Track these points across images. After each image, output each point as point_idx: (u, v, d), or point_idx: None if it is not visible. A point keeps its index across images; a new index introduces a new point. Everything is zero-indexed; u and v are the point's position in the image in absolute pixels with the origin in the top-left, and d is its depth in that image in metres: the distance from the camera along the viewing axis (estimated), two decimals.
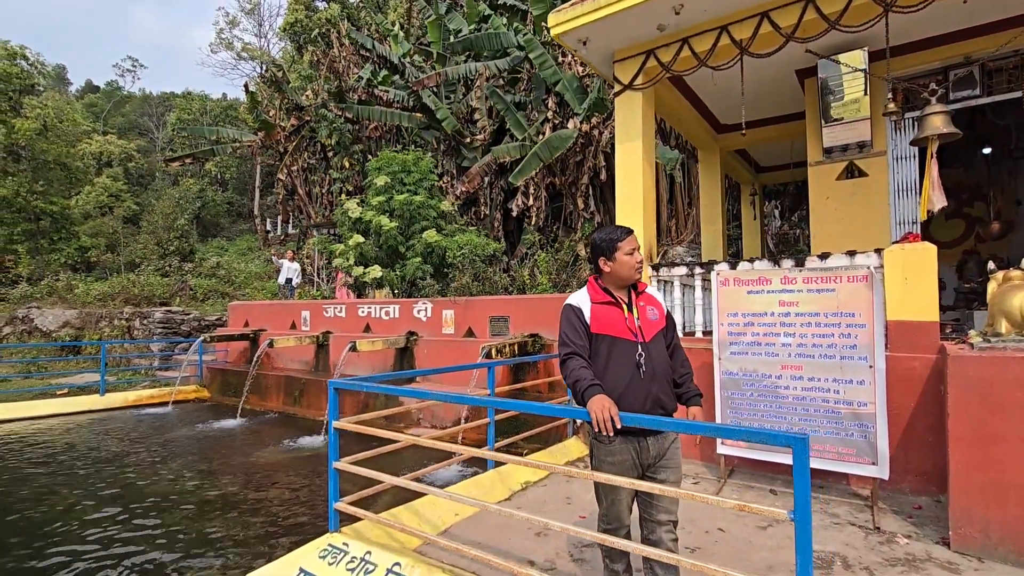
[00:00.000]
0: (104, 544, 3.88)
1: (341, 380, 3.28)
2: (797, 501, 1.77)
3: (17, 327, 13.27)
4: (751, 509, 1.90)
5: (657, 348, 2.31)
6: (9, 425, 7.83)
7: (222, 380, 9.90)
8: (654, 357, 2.31)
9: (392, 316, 8.26)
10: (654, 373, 2.32)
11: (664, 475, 2.25)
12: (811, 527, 1.76)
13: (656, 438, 2.27)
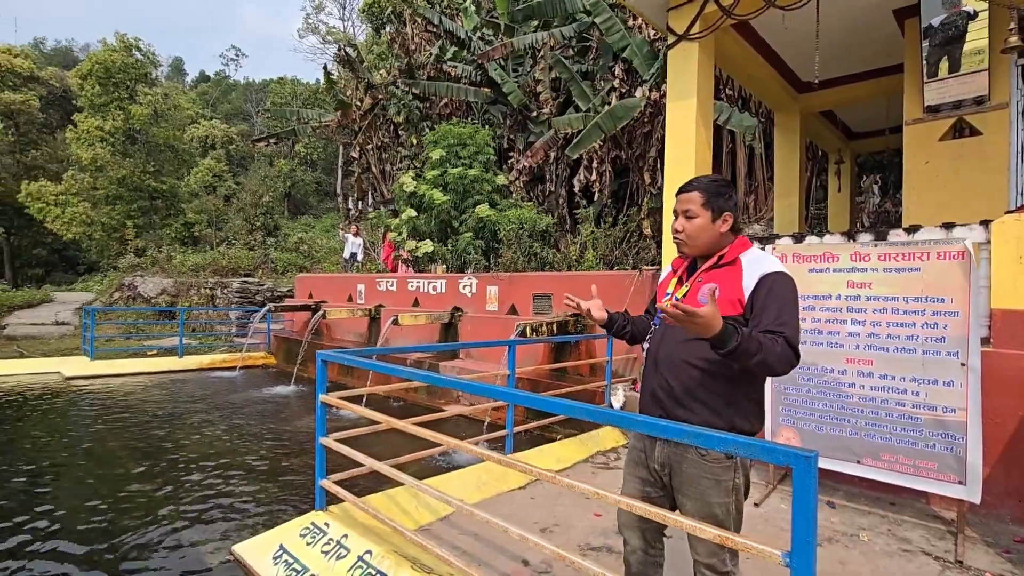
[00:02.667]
0: (131, 498, 4.06)
1: (329, 352, 3.12)
2: (796, 542, 1.31)
3: (124, 293, 14.80)
4: (732, 543, 1.46)
5: (674, 337, 1.84)
6: (104, 380, 8.66)
7: (286, 348, 10.38)
8: (665, 345, 1.87)
9: (439, 291, 8.15)
10: (656, 364, 1.89)
11: (682, 501, 1.81)
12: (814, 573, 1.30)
13: (666, 444, 1.85)
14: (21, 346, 12.14)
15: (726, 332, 1.54)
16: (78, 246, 25.04)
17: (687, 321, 1.52)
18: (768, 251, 3.83)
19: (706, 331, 1.53)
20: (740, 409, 1.77)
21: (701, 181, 1.89)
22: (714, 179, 1.90)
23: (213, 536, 3.40)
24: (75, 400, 7.28)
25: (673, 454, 1.82)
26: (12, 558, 3.10)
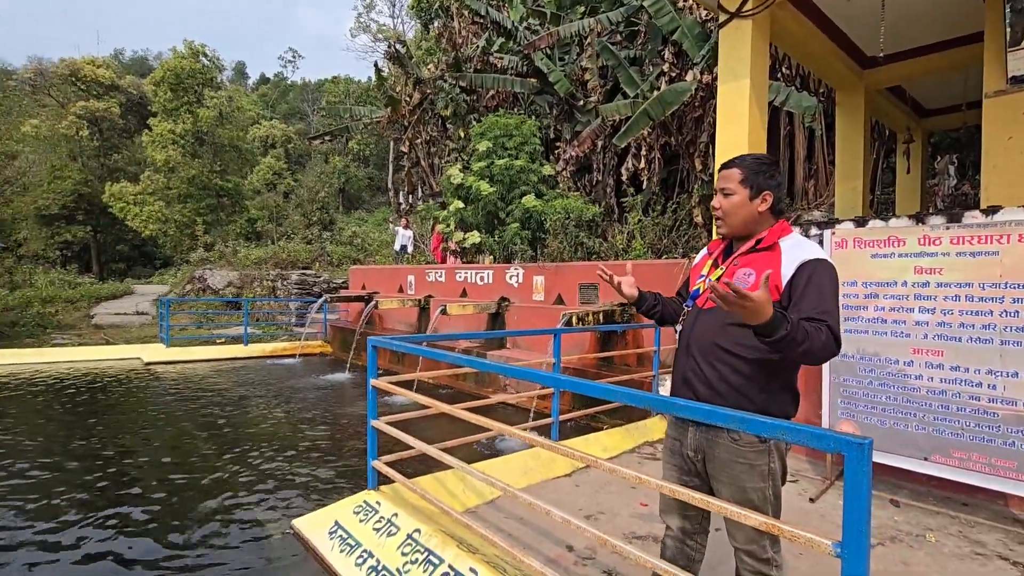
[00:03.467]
0: (202, 473, 4.36)
1: (380, 338, 3.23)
2: (847, 531, 1.26)
3: (195, 285, 15.82)
4: (775, 529, 1.42)
5: (709, 321, 1.81)
6: (178, 366, 9.32)
7: (341, 337, 10.80)
8: (699, 329, 1.84)
9: (486, 281, 8.24)
10: (688, 348, 1.87)
11: (717, 488, 1.78)
12: (867, 568, 1.25)
13: (699, 429, 1.82)
14: (107, 334, 13.24)
15: (776, 319, 1.47)
16: (155, 242, 26.95)
17: (736, 303, 1.45)
18: (827, 236, 3.65)
19: (755, 317, 1.46)
20: (774, 396, 1.72)
21: (744, 158, 1.83)
22: (758, 157, 1.83)
23: (274, 510, 3.61)
24: (153, 383, 7.88)
25: (705, 440, 1.80)
26: (99, 525, 3.42)
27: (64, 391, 7.22)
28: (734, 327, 1.73)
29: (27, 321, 13.57)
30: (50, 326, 13.70)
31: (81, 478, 4.14)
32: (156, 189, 24.72)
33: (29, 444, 5.02)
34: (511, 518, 3.21)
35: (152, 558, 2.97)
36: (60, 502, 3.71)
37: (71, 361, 9.41)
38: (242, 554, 3.02)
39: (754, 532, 1.71)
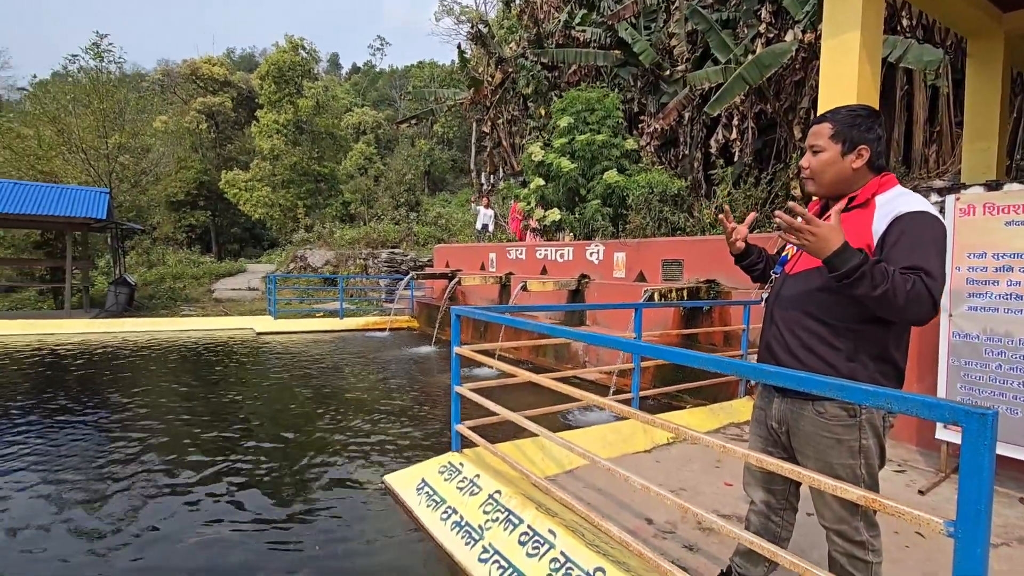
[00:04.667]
0: (305, 430, 4.80)
1: (463, 307, 3.35)
2: (963, 509, 1.16)
3: (297, 264, 17.18)
4: (871, 502, 1.33)
5: (794, 286, 1.72)
6: (284, 336, 10.23)
7: (427, 313, 11.28)
8: (783, 295, 1.76)
9: (567, 258, 8.22)
10: (772, 315, 1.79)
11: (802, 463, 1.69)
12: (986, 551, 1.14)
13: (783, 399, 1.75)
14: (225, 307, 14.80)
15: (846, 249, 1.38)
16: (262, 225, 29.47)
17: (804, 231, 1.40)
18: (949, 203, 3.26)
19: (824, 246, 1.39)
20: (864, 366, 1.58)
21: (837, 111, 1.66)
22: (853, 108, 1.66)
23: (367, 466, 3.91)
24: (263, 350, 8.72)
25: (790, 411, 1.71)
26: (216, 471, 3.88)
27: (191, 355, 8.20)
28: (821, 292, 1.62)
29: (161, 294, 15.49)
30: (179, 299, 15.54)
31: (203, 429, 4.71)
32: (263, 176, 26.93)
33: (163, 399, 5.78)
34: (589, 488, 3.24)
35: (260, 504, 3.33)
36: (186, 449, 4.25)
37: (197, 329, 10.65)
38: (340, 503, 3.30)
39: (844, 511, 1.62)
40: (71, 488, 3.47)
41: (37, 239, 14.68)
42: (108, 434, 4.52)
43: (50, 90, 19.31)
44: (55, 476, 3.64)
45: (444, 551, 2.70)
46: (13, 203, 10.73)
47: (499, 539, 2.56)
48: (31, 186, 11.76)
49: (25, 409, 5.16)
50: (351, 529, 3.00)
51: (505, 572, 2.37)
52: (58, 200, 11.31)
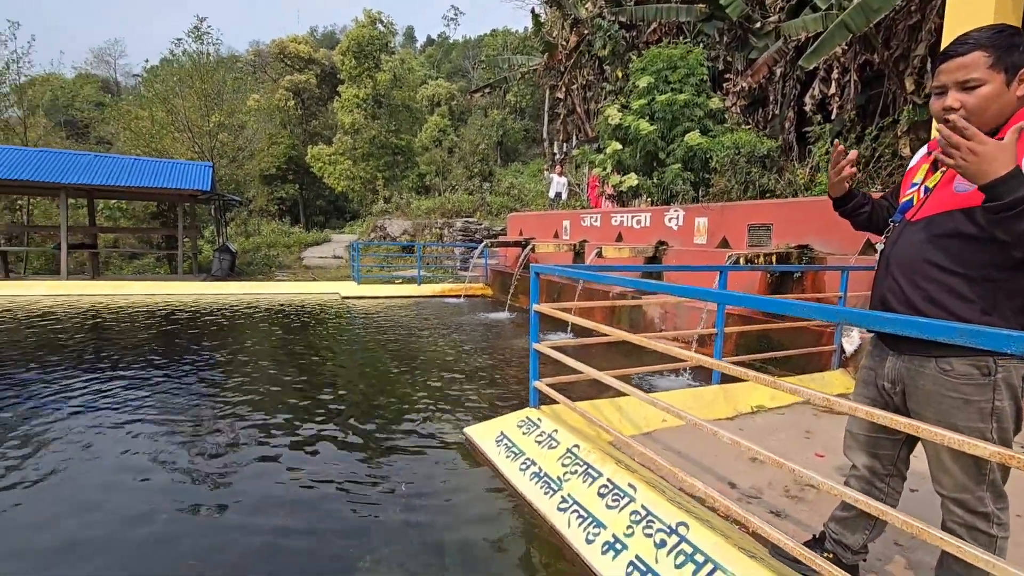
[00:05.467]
0: (388, 386, 5.08)
1: (542, 265, 3.36)
2: None
3: (377, 233, 17.96)
4: (1004, 458, 1.21)
5: (916, 234, 1.56)
6: (366, 300, 10.81)
7: (501, 280, 11.44)
8: (903, 243, 1.60)
9: (643, 224, 7.98)
10: (888, 266, 1.64)
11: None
12: None
13: (900, 357, 1.62)
14: (314, 273, 15.84)
15: (1016, 176, 1.18)
16: (345, 197, 30.93)
17: (963, 147, 1.20)
18: None
19: (986, 168, 1.19)
20: (1005, 319, 1.40)
21: (980, 34, 1.42)
22: (999, 28, 1.42)
23: (448, 420, 4.09)
24: (348, 313, 9.27)
25: (906, 369, 1.57)
26: (305, 423, 4.21)
27: (285, 315, 8.86)
28: (951, 239, 1.46)
29: (258, 261, 16.81)
30: (273, 265, 16.80)
31: (294, 382, 5.11)
32: (345, 149, 28.12)
33: (260, 354, 6.32)
34: (668, 451, 3.21)
35: (346, 450, 3.58)
36: (279, 399, 4.64)
37: (289, 293, 11.50)
38: (423, 454, 3.49)
39: (968, 478, 1.48)
40: (183, 427, 3.91)
41: (154, 210, 16.34)
42: (214, 383, 5.03)
43: (159, 74, 21.11)
44: (172, 417, 4.12)
45: (524, 499, 2.79)
46: (135, 177, 11.95)
47: (578, 490, 2.61)
48: (148, 162, 13.03)
49: (148, 360, 5.84)
50: (434, 475, 3.17)
51: (584, 521, 2.41)
52: (170, 174, 12.46)
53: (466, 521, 2.68)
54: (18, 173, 10.93)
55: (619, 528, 2.27)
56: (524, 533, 2.60)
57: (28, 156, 11.71)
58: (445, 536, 2.53)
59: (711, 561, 1.93)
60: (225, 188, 19.69)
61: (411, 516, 2.70)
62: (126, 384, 4.79)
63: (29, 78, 19.92)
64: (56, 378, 4.93)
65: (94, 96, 37.70)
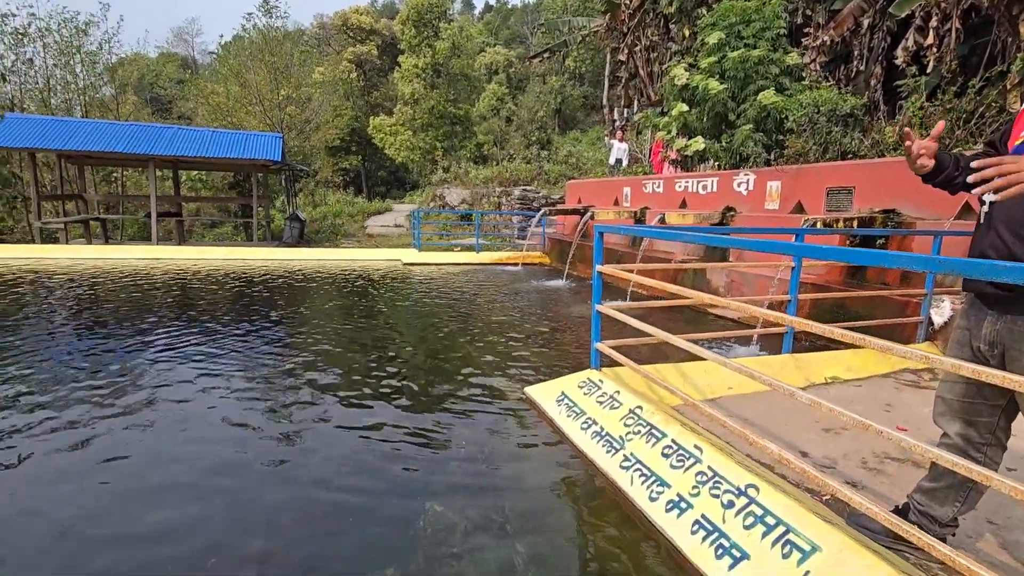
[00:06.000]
0: (449, 348, 5.22)
1: (605, 224, 3.30)
2: None
3: (436, 202, 18.23)
4: None
5: None
6: (427, 267, 11.07)
7: (559, 249, 11.37)
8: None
9: (709, 190, 7.63)
10: (991, 220, 1.50)
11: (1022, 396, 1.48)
12: None
13: (1002, 317, 1.49)
14: (376, 241, 16.37)
15: None
16: (405, 168, 31.47)
17: None
18: None
19: None
20: None
21: None
22: None
23: (508, 381, 4.16)
24: (410, 279, 9.54)
25: (1008, 330, 1.44)
26: (371, 381, 4.40)
27: (351, 281, 9.24)
28: None
29: (325, 229, 17.56)
30: (339, 233, 17.49)
31: (358, 342, 5.34)
32: (405, 120, 28.46)
33: (328, 315, 6.63)
34: (734, 417, 3.13)
35: (408, 413, 3.69)
36: (345, 358, 4.87)
37: (354, 259, 11.97)
38: (485, 412, 3.57)
39: None
40: (256, 384, 4.19)
41: (230, 181, 17.29)
42: (286, 342, 5.35)
43: (231, 49, 22.01)
44: (247, 374, 4.42)
45: (585, 456, 2.82)
46: (213, 148, 12.67)
47: (640, 450, 2.60)
48: (224, 133, 13.76)
49: (227, 319, 6.27)
50: (495, 432, 3.25)
51: (647, 480, 2.41)
52: (244, 145, 13.10)
53: (527, 476, 2.75)
54: (114, 145, 11.85)
55: (684, 488, 2.26)
56: (584, 489, 2.64)
57: (122, 130, 12.65)
58: (506, 490, 2.61)
59: (783, 524, 1.89)
60: (293, 159, 20.53)
61: (472, 471, 2.79)
62: (207, 340, 5.18)
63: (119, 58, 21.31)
64: (147, 331, 5.41)
65: (175, 74, 39.94)
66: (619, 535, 2.24)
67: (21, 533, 2.21)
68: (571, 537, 2.26)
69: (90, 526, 2.26)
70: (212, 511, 2.38)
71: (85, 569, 2.02)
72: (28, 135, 11.56)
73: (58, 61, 16.55)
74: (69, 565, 2.03)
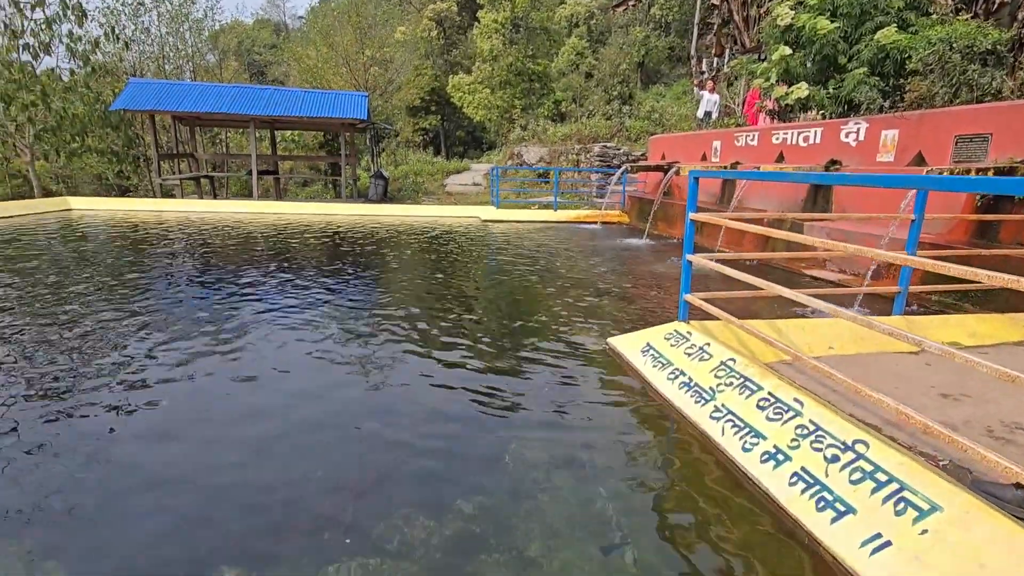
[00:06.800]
0: (530, 302, 5.27)
1: (701, 170, 3.13)
2: None
3: (514, 160, 18.11)
4: None
5: None
6: (505, 224, 11.15)
7: (639, 207, 11.00)
8: None
9: (812, 141, 7.00)
10: None
11: None
12: None
13: None
14: (455, 199, 16.66)
15: None
16: (482, 127, 31.37)
17: None
18: None
19: None
20: None
21: None
22: None
23: (590, 333, 4.15)
24: (489, 235, 9.67)
25: None
26: (451, 332, 4.53)
27: (432, 236, 9.50)
28: None
29: (406, 188, 18.08)
30: (420, 191, 17.96)
31: (440, 298, 5.51)
32: (483, 78, 28.19)
33: (410, 267, 6.88)
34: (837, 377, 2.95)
35: (493, 360, 3.79)
36: (428, 307, 5.04)
37: (435, 216, 12.28)
38: (567, 360, 3.59)
39: None
40: (341, 333, 4.45)
41: (321, 140, 18.11)
42: (371, 293, 5.63)
43: (320, 13, 22.63)
44: (342, 321, 4.71)
45: (672, 406, 2.78)
46: (305, 107, 13.30)
47: (733, 401, 2.53)
48: (315, 93, 14.36)
49: (317, 269, 6.68)
50: (578, 379, 3.28)
51: (741, 431, 2.35)
52: (333, 104, 13.62)
53: (608, 421, 2.76)
54: (219, 107, 12.74)
55: (781, 440, 2.18)
56: (669, 436, 2.62)
57: (226, 92, 13.54)
58: (587, 433, 2.64)
59: (896, 481, 1.78)
60: (377, 119, 21.10)
61: (554, 415, 2.83)
62: (301, 288, 5.54)
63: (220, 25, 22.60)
64: (248, 278, 5.89)
65: (269, 39, 41.83)
66: (704, 480, 2.21)
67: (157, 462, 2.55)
68: (653, 479, 2.27)
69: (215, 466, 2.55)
70: (316, 451, 2.48)
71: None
72: (148, 98, 12.68)
73: (170, 28, 17.86)
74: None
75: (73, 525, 1.91)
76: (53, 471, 2.21)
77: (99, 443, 2.44)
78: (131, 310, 4.49)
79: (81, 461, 2.29)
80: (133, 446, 2.45)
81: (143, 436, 2.54)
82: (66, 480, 2.16)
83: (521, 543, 1.84)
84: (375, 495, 2.14)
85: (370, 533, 1.88)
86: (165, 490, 2.12)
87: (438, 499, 2.08)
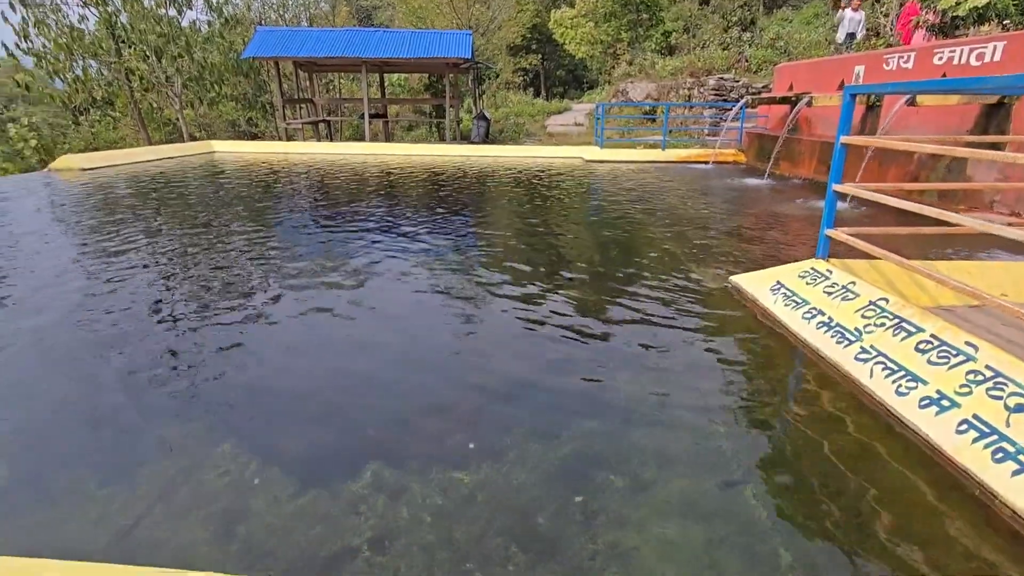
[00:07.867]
0: (644, 241, 5.10)
1: (861, 86, 2.75)
2: None
3: (618, 98, 17.15)
4: None
5: None
6: (609, 164, 10.75)
7: (759, 145, 10.06)
8: None
9: (987, 60, 5.85)
10: None
11: None
12: None
13: None
14: (556, 139, 16.27)
15: None
16: (584, 65, 29.90)
17: None
18: None
19: None
20: None
21: None
22: None
23: (709, 271, 3.95)
24: (592, 175, 9.38)
25: None
26: (562, 275, 4.48)
27: (536, 176, 9.39)
28: None
29: (507, 129, 17.90)
30: (521, 132, 17.72)
31: (548, 238, 5.45)
32: (587, 11, 26.58)
33: (515, 208, 6.88)
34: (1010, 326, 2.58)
35: (610, 296, 3.72)
36: (534, 244, 5.03)
37: (537, 157, 12.10)
38: (685, 300, 3.44)
39: None
40: (447, 272, 4.56)
41: (425, 83, 18.33)
42: (477, 230, 5.71)
43: None
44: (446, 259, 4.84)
45: (808, 346, 2.60)
46: (412, 48, 13.41)
47: (885, 343, 2.30)
48: (420, 33, 14.42)
49: (426, 210, 6.88)
50: (700, 315, 3.14)
51: (893, 374, 2.15)
52: (439, 43, 13.61)
53: (733, 358, 2.64)
54: (334, 51, 13.23)
55: (947, 385, 1.96)
56: (804, 375, 2.47)
57: (339, 36, 13.99)
58: (710, 370, 2.53)
59: None
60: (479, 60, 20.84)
61: (675, 349, 2.75)
62: (407, 224, 5.76)
63: None
64: (363, 215, 6.22)
65: None
66: (846, 422, 2.06)
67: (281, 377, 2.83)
68: (778, 417, 2.15)
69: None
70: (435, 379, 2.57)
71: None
72: (274, 45, 13.45)
73: None
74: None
75: (240, 411, 2.22)
76: (221, 368, 2.56)
77: (248, 352, 2.75)
78: (272, 245, 4.97)
79: (238, 363, 2.61)
80: (280, 356, 2.74)
81: (291, 347, 2.83)
82: (232, 375, 2.49)
83: (637, 467, 1.86)
84: (495, 417, 2.23)
85: (492, 446, 1.98)
86: (308, 392, 2.39)
87: (555, 421, 2.14)
